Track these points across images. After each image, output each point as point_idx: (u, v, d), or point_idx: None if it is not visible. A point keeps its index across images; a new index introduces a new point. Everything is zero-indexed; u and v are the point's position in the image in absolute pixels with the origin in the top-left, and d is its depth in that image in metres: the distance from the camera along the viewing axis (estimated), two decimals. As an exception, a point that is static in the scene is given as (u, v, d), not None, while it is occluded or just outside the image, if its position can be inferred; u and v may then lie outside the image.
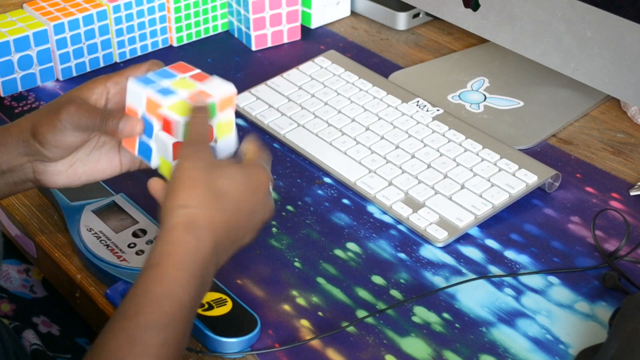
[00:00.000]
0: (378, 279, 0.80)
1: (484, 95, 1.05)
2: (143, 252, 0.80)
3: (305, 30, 1.19)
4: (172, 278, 0.64)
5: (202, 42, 1.18)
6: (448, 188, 0.88)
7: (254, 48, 1.16)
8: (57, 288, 0.89)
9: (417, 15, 1.20)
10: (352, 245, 0.84)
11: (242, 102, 1.02)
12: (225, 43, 1.18)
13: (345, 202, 0.90)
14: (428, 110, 0.98)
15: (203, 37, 1.18)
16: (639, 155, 0.95)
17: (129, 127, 0.74)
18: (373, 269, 0.82)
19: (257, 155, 0.73)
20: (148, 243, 0.81)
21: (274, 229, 0.86)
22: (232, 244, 0.70)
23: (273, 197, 0.75)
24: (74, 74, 1.10)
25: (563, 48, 0.94)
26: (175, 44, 1.16)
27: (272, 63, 1.13)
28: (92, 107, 0.75)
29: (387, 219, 0.87)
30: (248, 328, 0.74)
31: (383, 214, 0.88)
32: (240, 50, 1.16)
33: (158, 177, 0.73)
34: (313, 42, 1.17)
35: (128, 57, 1.13)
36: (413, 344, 0.74)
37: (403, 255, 0.83)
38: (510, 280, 0.80)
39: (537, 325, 0.76)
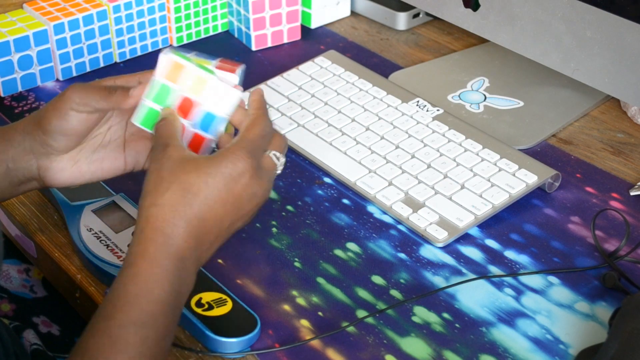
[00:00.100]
0: (378, 279, 0.81)
1: (484, 95, 1.05)
2: (143, 252, 0.80)
3: (305, 30, 1.19)
4: (146, 276, 0.64)
5: (202, 42, 1.18)
6: (448, 188, 0.88)
7: (254, 48, 1.16)
8: (57, 288, 0.89)
9: (417, 15, 1.20)
10: (352, 245, 0.84)
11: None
12: (225, 43, 1.18)
13: (345, 202, 0.90)
14: (428, 110, 0.98)
15: (203, 37, 1.18)
16: (639, 155, 0.95)
17: (139, 90, 0.73)
18: (373, 269, 0.82)
19: (239, 142, 0.71)
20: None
21: (274, 229, 0.86)
22: (215, 236, 0.69)
23: (268, 189, 0.72)
24: (74, 74, 1.10)
25: (563, 48, 0.94)
26: (175, 44, 1.16)
27: (272, 63, 1.13)
28: (97, 85, 0.75)
29: (387, 219, 0.87)
30: (248, 328, 0.74)
31: (383, 214, 0.88)
32: (240, 50, 1.16)
33: None
34: (313, 42, 1.17)
35: (128, 57, 1.13)
36: (413, 344, 0.74)
37: (403, 255, 0.83)
38: (510, 280, 0.80)
39: (537, 325, 0.76)
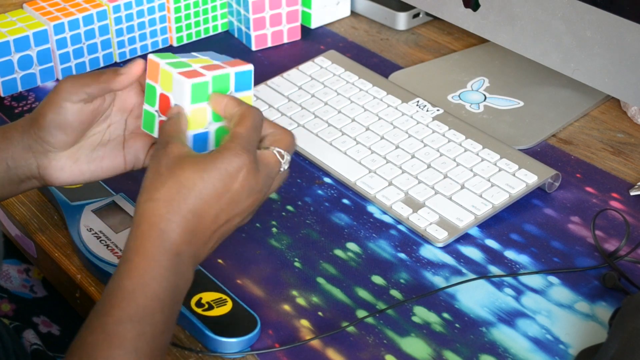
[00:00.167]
0: (378, 279, 0.81)
1: (484, 95, 1.05)
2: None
3: (305, 30, 1.19)
4: (142, 271, 0.65)
5: (202, 42, 1.18)
6: (448, 188, 0.88)
7: (254, 48, 1.16)
8: (57, 288, 0.89)
9: (417, 15, 1.20)
10: (352, 245, 0.84)
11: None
12: (225, 43, 1.18)
13: (345, 202, 0.90)
14: (428, 110, 0.98)
15: (203, 37, 1.18)
16: (639, 155, 0.95)
17: (128, 68, 0.74)
18: (373, 269, 0.82)
19: (231, 138, 0.71)
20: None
21: (274, 229, 0.86)
22: (213, 232, 0.69)
23: (272, 180, 0.72)
24: (74, 74, 1.10)
25: (563, 48, 0.94)
26: (175, 44, 1.16)
27: (272, 63, 1.13)
28: (88, 73, 0.76)
29: (387, 219, 0.87)
30: (248, 328, 0.74)
31: (383, 214, 0.88)
32: (240, 50, 1.16)
33: None
34: (313, 42, 1.17)
35: (128, 57, 1.13)
36: (413, 344, 0.74)
37: (403, 255, 0.83)
38: (510, 280, 0.80)
39: (537, 325, 0.76)
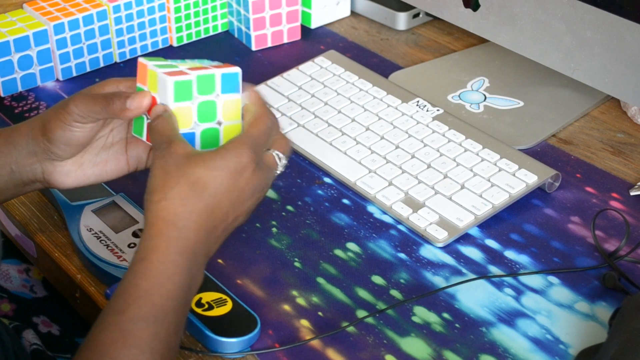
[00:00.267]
0: (378, 279, 0.80)
1: (484, 95, 1.05)
2: (143, 252, 0.80)
3: (305, 30, 1.19)
4: (158, 271, 0.65)
5: (202, 42, 1.18)
6: (448, 188, 0.88)
7: (254, 48, 1.16)
8: (57, 288, 0.89)
9: (417, 15, 1.20)
10: (352, 245, 0.84)
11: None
12: (225, 43, 1.18)
13: (345, 202, 0.90)
14: (428, 110, 0.98)
15: (203, 37, 1.18)
16: (639, 155, 0.95)
17: (137, 102, 0.73)
18: (373, 269, 0.82)
19: (242, 136, 0.72)
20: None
21: (274, 229, 0.86)
22: (222, 230, 0.70)
23: (268, 191, 0.74)
24: (74, 74, 1.10)
25: (563, 48, 0.94)
26: (175, 44, 1.16)
27: (272, 63, 1.13)
28: (98, 94, 0.75)
29: (387, 219, 0.87)
30: (248, 328, 0.74)
31: (383, 214, 0.88)
32: (240, 50, 1.16)
33: None
34: (313, 42, 1.17)
35: (128, 57, 1.13)
36: (413, 344, 0.74)
37: (403, 255, 0.83)
38: (510, 280, 0.80)
39: (537, 325, 0.76)
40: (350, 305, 0.78)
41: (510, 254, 0.83)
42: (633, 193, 0.90)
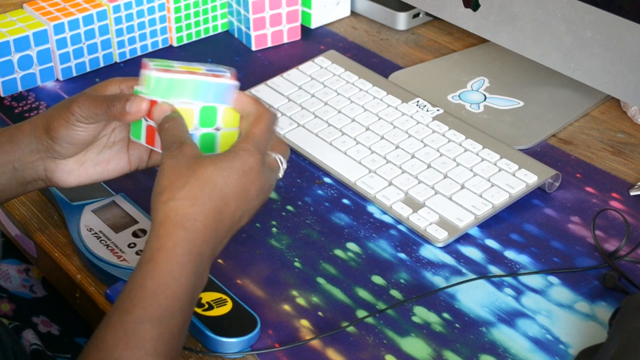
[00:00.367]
0: (378, 279, 0.80)
1: (484, 95, 1.05)
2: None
3: (305, 30, 1.19)
4: (164, 272, 0.65)
5: (202, 42, 1.18)
6: (448, 188, 0.88)
7: (254, 48, 1.16)
8: (57, 288, 0.89)
9: (417, 15, 1.20)
10: (352, 245, 0.84)
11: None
12: (225, 43, 1.18)
13: (345, 202, 0.90)
14: (428, 110, 0.98)
15: (203, 37, 1.18)
16: (639, 155, 0.95)
17: (135, 106, 0.74)
18: (373, 269, 0.82)
19: (247, 138, 0.72)
20: (148, 243, 0.81)
21: (274, 229, 0.86)
22: (227, 231, 0.70)
23: (270, 190, 0.74)
24: (74, 74, 1.10)
25: (563, 48, 0.94)
26: (175, 44, 1.16)
27: (272, 63, 1.13)
28: (100, 96, 0.76)
29: (387, 219, 0.87)
30: (248, 328, 0.74)
31: (383, 214, 0.88)
32: (240, 50, 1.16)
33: None
34: (313, 42, 1.17)
35: (128, 57, 1.13)
36: (413, 344, 0.74)
37: (403, 255, 0.83)
38: (510, 280, 0.80)
39: (537, 325, 0.76)
40: (350, 305, 0.78)
41: (510, 254, 0.83)
42: (633, 193, 0.90)
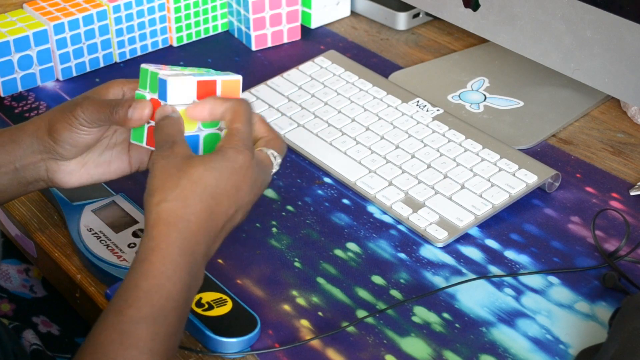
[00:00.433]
0: (378, 279, 0.80)
1: (484, 95, 1.05)
2: (143, 252, 0.80)
3: (305, 30, 1.19)
4: (158, 272, 0.65)
5: (202, 42, 1.18)
6: (448, 188, 0.88)
7: (254, 48, 1.16)
8: (57, 288, 0.89)
9: (417, 15, 1.20)
10: (352, 245, 0.84)
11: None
12: (225, 43, 1.18)
13: (345, 202, 0.90)
14: (428, 110, 0.98)
15: (203, 37, 1.18)
16: (639, 155, 0.95)
17: (138, 113, 0.74)
18: (373, 269, 0.82)
19: (232, 135, 0.72)
20: (148, 243, 0.81)
21: (274, 229, 0.86)
22: (221, 230, 0.70)
23: (266, 176, 0.74)
24: (74, 74, 1.10)
25: (563, 48, 0.94)
26: (175, 44, 1.16)
27: (272, 63, 1.13)
28: (104, 100, 0.76)
29: (387, 219, 0.87)
30: (248, 328, 0.74)
31: (383, 214, 0.88)
32: (240, 50, 1.16)
33: None
34: (313, 42, 1.17)
35: (128, 57, 1.13)
36: (413, 344, 0.74)
37: (403, 255, 0.83)
38: (510, 280, 0.80)
39: (537, 325, 0.76)
40: (350, 305, 0.78)
41: (510, 254, 0.83)
42: (633, 193, 0.90)
